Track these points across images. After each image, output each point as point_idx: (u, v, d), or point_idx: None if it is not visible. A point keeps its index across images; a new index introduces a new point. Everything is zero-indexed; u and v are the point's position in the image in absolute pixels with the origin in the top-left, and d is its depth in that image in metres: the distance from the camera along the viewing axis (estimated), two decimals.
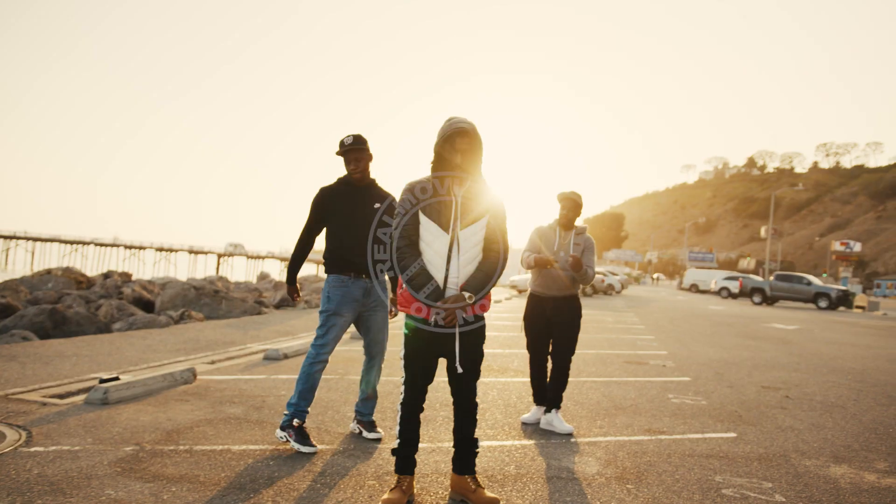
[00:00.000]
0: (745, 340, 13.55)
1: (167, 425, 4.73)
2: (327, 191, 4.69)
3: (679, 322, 17.90)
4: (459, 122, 3.35)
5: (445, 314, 3.24)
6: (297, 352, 8.41)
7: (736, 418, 6.03)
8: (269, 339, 9.83)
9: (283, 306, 17.99)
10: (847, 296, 33.95)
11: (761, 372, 9.03)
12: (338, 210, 4.63)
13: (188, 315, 12.51)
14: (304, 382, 4.47)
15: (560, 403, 5.46)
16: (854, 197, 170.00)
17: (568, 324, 5.56)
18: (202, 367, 7.19)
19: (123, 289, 15.90)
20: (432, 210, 3.35)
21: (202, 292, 14.98)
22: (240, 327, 11.23)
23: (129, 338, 9.07)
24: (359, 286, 4.62)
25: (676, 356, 10.25)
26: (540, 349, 5.63)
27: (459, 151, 3.34)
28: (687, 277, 55.56)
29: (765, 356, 10.92)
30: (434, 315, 3.29)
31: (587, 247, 5.56)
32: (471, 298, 3.27)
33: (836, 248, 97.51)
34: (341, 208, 4.63)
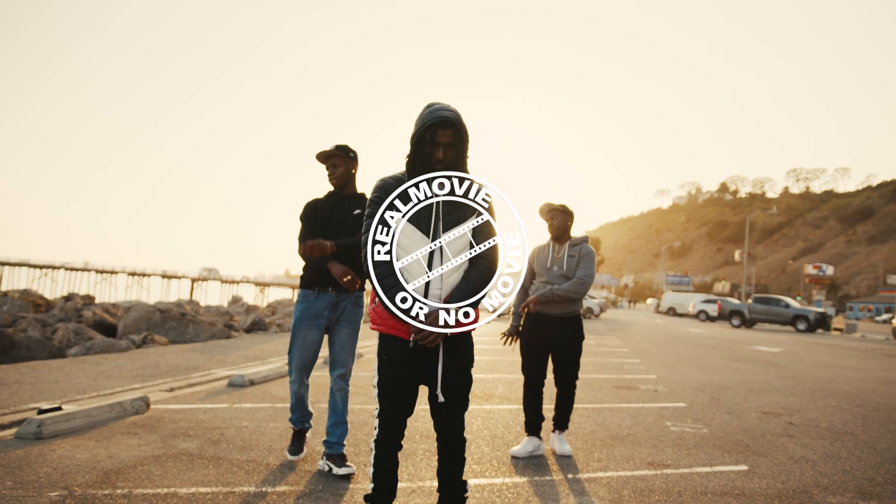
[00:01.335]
0: (733, 363, 13.12)
1: (106, 464, 4.11)
2: (311, 203, 4.57)
3: (662, 345, 17.47)
4: (441, 110, 2.79)
5: (425, 332, 2.68)
6: (264, 378, 7.78)
7: (743, 448, 5.52)
8: (236, 365, 9.19)
9: (254, 330, 17.27)
10: (825, 318, 33.91)
11: (757, 396, 8.56)
12: (316, 220, 4.47)
13: (151, 339, 11.79)
14: (292, 399, 4.57)
15: (567, 425, 5.11)
16: (825, 221, 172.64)
17: (569, 345, 5.09)
18: (158, 395, 6.55)
19: (84, 312, 15.09)
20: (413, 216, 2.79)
21: (168, 315, 14.25)
22: (205, 352, 10.55)
23: (82, 363, 8.37)
24: (323, 300, 4.43)
25: (666, 380, 9.77)
26: (537, 372, 5.13)
27: (441, 145, 2.78)
28: (664, 301, 55.43)
29: (757, 379, 10.47)
30: (413, 334, 2.73)
31: (582, 258, 5.08)
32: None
33: (809, 271, 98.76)
34: (319, 217, 4.47)
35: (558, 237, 5.19)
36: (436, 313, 2.66)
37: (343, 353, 4.46)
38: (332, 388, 4.43)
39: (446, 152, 2.80)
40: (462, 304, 2.69)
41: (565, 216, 5.16)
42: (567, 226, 5.19)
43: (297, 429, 4.58)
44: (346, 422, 4.40)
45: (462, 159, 2.84)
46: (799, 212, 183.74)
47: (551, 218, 5.16)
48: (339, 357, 4.46)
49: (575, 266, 5.05)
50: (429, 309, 2.68)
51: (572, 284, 4.94)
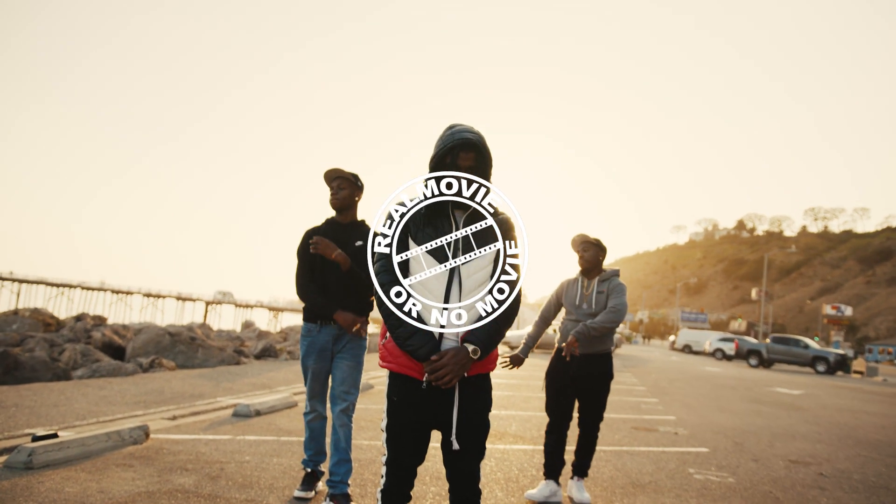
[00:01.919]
0: (754, 405, 12.70)
1: (95, 499, 3.86)
2: (310, 232, 4.39)
3: (680, 384, 17.05)
4: (463, 132, 2.59)
5: (441, 372, 2.44)
6: (271, 408, 7.53)
7: (773, 501, 5.18)
8: (243, 393, 8.95)
9: (264, 356, 17.04)
10: (845, 360, 33.22)
11: (783, 443, 8.19)
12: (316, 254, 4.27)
13: (158, 363, 11.58)
14: (305, 433, 4.44)
15: (587, 472, 4.84)
16: (843, 261, 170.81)
17: (596, 385, 4.85)
18: (160, 423, 6.31)
19: (93, 333, 14.92)
20: (424, 239, 2.58)
21: (177, 339, 14.06)
22: (212, 378, 10.32)
23: (85, 387, 8.16)
24: (327, 333, 4.28)
25: (687, 422, 9.41)
26: (561, 412, 4.87)
27: (463, 170, 2.57)
28: (680, 338, 54.72)
29: (780, 424, 10.08)
30: (427, 374, 2.48)
31: (612, 291, 4.82)
32: (475, 352, 2.48)
33: (828, 311, 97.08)
34: None
35: (588, 271, 4.95)
36: (452, 353, 2.43)
37: (344, 387, 4.27)
38: (334, 425, 4.23)
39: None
40: (485, 342, 2.47)
41: (597, 250, 4.93)
42: (598, 260, 4.95)
43: (309, 470, 4.42)
44: (351, 459, 4.17)
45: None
46: (817, 251, 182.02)
47: (583, 250, 4.92)
48: (340, 391, 4.26)
49: (605, 302, 4.80)
50: (445, 347, 2.45)
51: (605, 315, 4.68)
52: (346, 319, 4.15)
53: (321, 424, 4.43)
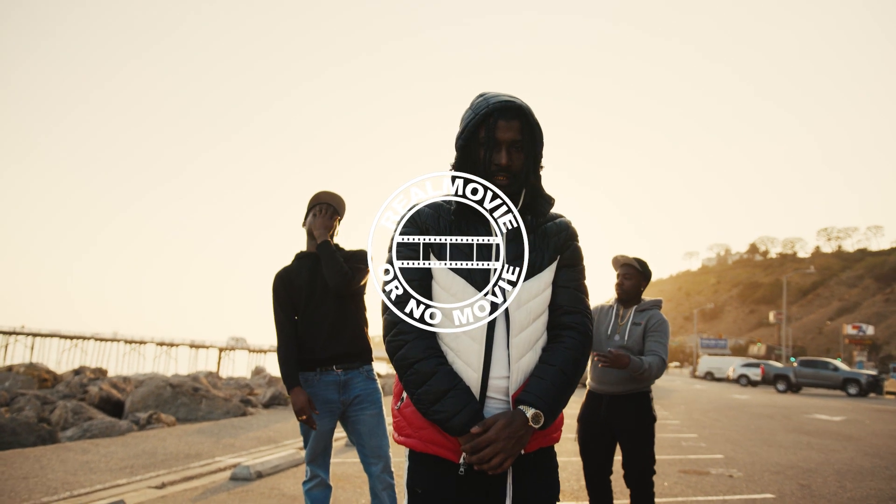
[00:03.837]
0: (801, 436, 11.70)
1: None
2: (281, 274, 3.76)
3: (714, 415, 16.03)
4: (503, 97, 1.81)
5: (488, 452, 1.62)
6: (274, 468, 6.67)
7: None
8: (246, 450, 8.09)
9: (273, 405, 16.14)
10: (878, 381, 32.02)
11: (853, 482, 7.24)
12: (295, 292, 3.68)
13: (156, 418, 10.73)
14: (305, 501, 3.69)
15: None
16: (860, 280, 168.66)
17: (634, 430, 4.04)
18: (144, 494, 5.47)
19: (89, 387, 14.07)
20: (457, 254, 1.78)
21: (179, 390, 13.22)
22: (213, 433, 9.46)
23: (67, 451, 7.32)
24: (328, 382, 3.58)
25: (737, 461, 8.47)
26: (597, 463, 4.10)
27: (504, 144, 1.78)
28: (701, 365, 53.44)
29: (840, 458, 9.10)
30: (465, 454, 1.68)
31: (651, 328, 4.01)
32: (537, 419, 1.67)
33: (849, 331, 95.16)
34: (299, 287, 3.67)
35: (625, 299, 4.16)
36: (504, 421, 1.62)
37: (375, 440, 3.57)
38: (372, 489, 3.57)
39: (512, 156, 1.79)
40: (550, 401, 1.65)
41: (640, 278, 4.15)
42: (639, 290, 4.17)
43: None
44: None
45: (535, 170, 1.83)
46: (833, 271, 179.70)
47: (624, 277, 4.14)
48: (371, 447, 3.56)
49: (640, 338, 4.00)
50: (490, 412, 1.65)
51: (658, 366, 3.87)
52: (298, 402, 3.45)
53: (324, 494, 3.67)
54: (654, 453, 4.12)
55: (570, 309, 1.79)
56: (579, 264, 1.88)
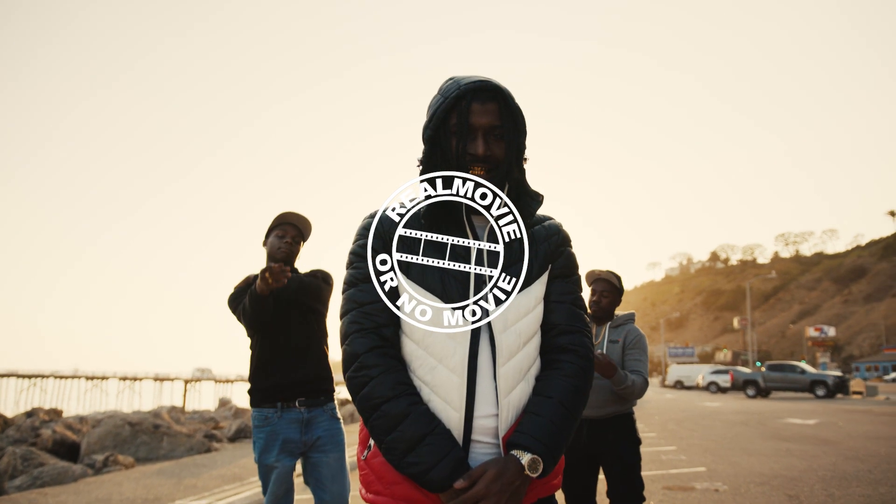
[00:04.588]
0: (779, 443, 11.56)
1: None
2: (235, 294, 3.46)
3: (689, 424, 15.89)
4: (476, 77, 1.52)
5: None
6: None
7: None
8: (209, 490, 7.62)
9: (239, 438, 15.57)
10: (844, 382, 32.47)
11: (839, 489, 7.05)
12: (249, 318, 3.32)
13: (114, 460, 10.16)
14: None
15: None
16: (819, 283, 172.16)
17: (616, 454, 3.75)
18: None
19: (42, 430, 13.38)
20: (427, 271, 1.48)
21: (139, 428, 12.62)
22: (174, 474, 8.95)
23: None
24: (291, 420, 3.26)
25: (720, 473, 8.24)
26: (578, 492, 3.77)
27: (480, 130, 1.48)
28: (671, 374, 53.71)
29: (822, 464, 8.93)
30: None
31: (629, 344, 3.79)
32: (534, 466, 1.37)
33: (811, 334, 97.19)
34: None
35: (600, 315, 3.92)
36: (494, 471, 1.31)
37: (337, 486, 3.25)
38: None
39: (490, 144, 1.49)
40: (549, 443, 1.35)
41: (614, 295, 3.92)
42: (612, 304, 3.93)
43: None
44: None
45: (518, 162, 1.54)
46: (792, 275, 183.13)
47: (601, 294, 3.89)
48: (333, 493, 3.25)
49: (619, 355, 3.76)
50: (477, 460, 1.34)
51: (640, 385, 3.65)
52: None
53: None
54: (642, 479, 3.84)
55: (567, 328, 1.51)
56: (574, 274, 1.60)
